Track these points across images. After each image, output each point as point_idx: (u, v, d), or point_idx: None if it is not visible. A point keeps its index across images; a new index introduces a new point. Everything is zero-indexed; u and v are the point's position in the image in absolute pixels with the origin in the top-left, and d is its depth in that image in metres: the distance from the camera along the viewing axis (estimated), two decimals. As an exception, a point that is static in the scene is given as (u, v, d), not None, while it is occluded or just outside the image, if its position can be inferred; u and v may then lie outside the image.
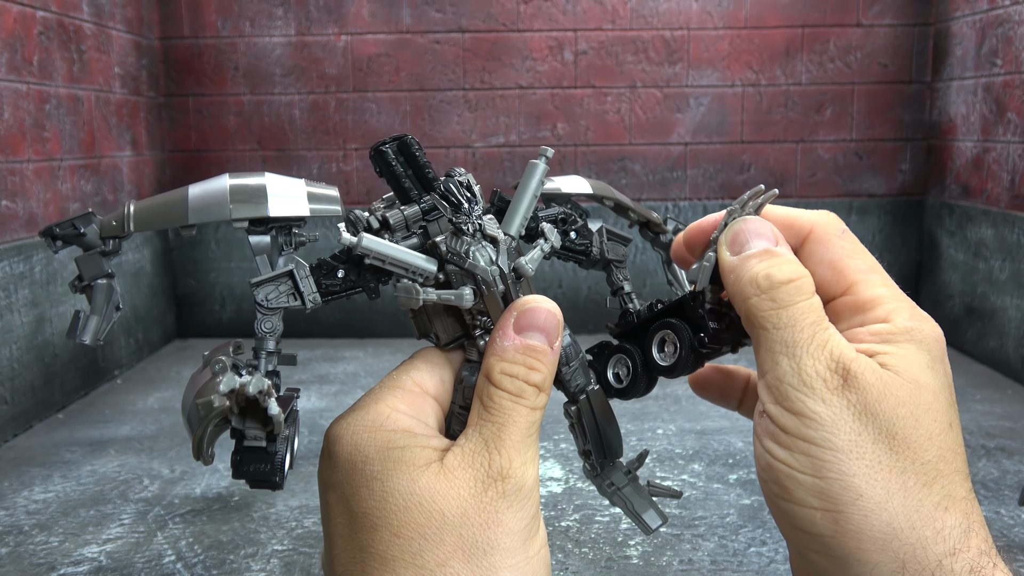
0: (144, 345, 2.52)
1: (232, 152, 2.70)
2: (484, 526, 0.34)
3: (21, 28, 1.93)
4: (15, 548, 1.34)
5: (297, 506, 1.48)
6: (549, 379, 0.38)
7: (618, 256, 0.47)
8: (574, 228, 0.45)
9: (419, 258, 0.38)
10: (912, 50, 2.65)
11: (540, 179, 0.40)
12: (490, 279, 0.38)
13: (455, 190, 0.38)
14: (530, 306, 0.39)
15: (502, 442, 0.36)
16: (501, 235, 0.39)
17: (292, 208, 0.41)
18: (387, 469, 0.35)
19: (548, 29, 2.63)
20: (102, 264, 0.43)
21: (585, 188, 0.49)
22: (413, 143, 0.40)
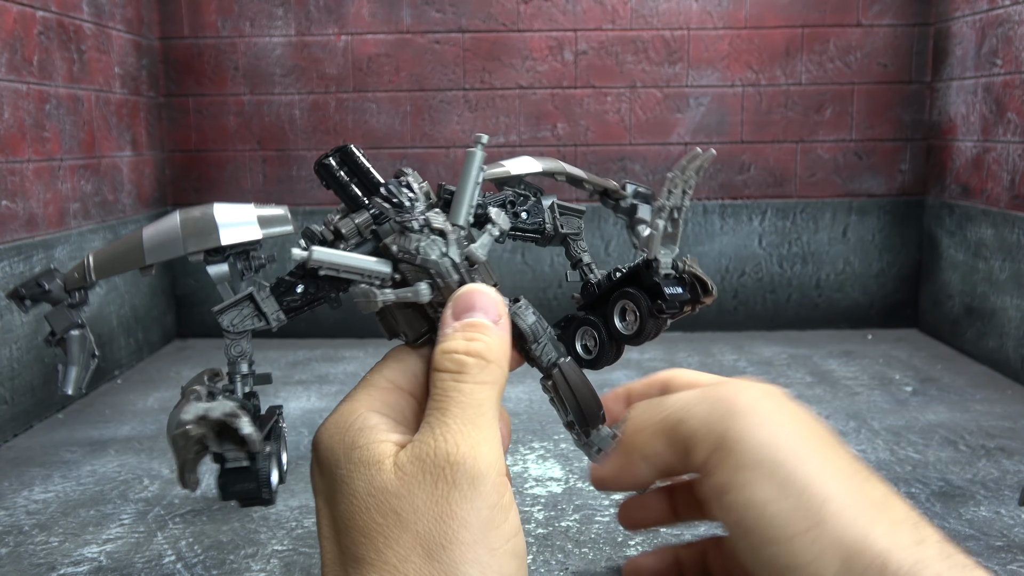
0: (144, 345, 2.52)
1: (232, 152, 2.70)
2: (438, 520, 0.33)
3: (21, 28, 1.93)
4: (15, 548, 1.34)
5: (297, 506, 1.49)
6: (496, 350, 0.37)
7: (573, 229, 0.47)
8: (524, 208, 0.45)
9: (371, 262, 0.39)
10: (912, 50, 2.65)
11: (479, 166, 0.41)
12: (443, 270, 0.38)
13: (394, 191, 0.38)
14: (462, 291, 0.39)
15: (446, 426, 0.34)
16: (448, 227, 0.39)
17: (244, 234, 0.43)
18: (350, 470, 0.35)
19: (548, 29, 2.63)
20: (70, 316, 0.44)
21: (534, 167, 0.49)
22: (354, 151, 0.41)
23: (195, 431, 0.37)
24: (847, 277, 2.74)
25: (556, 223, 0.46)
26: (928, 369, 2.30)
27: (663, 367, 1.84)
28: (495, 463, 0.34)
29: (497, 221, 0.40)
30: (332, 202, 0.43)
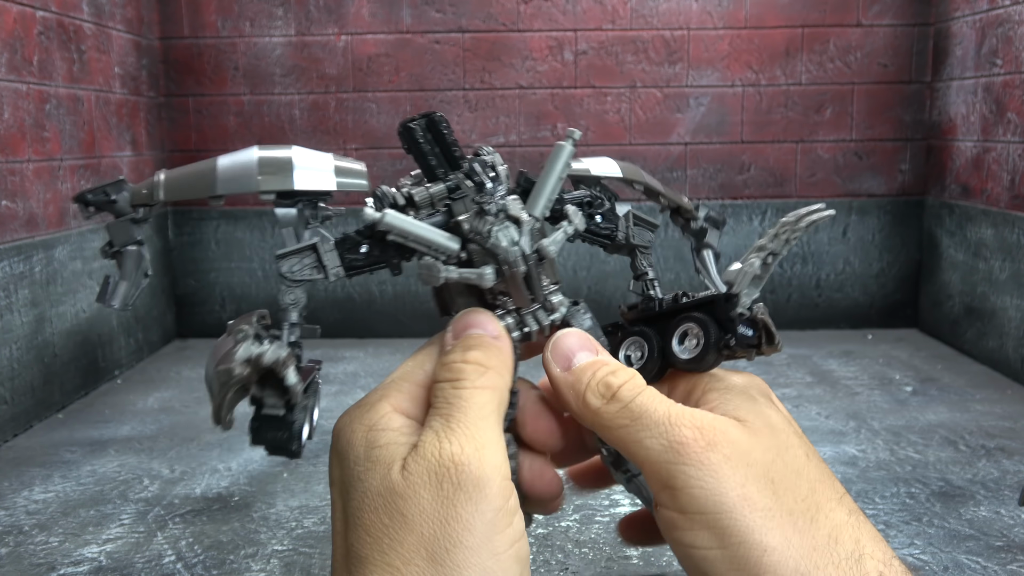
0: (144, 345, 2.52)
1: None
2: (442, 523, 0.33)
3: (21, 28, 1.93)
4: (15, 548, 1.34)
5: (297, 506, 1.49)
6: (493, 356, 0.37)
7: (643, 242, 0.45)
8: (600, 211, 0.44)
9: (441, 236, 0.38)
10: (912, 50, 2.65)
11: (566, 161, 0.40)
12: (511, 259, 0.38)
13: (479, 170, 0.38)
14: (461, 314, 0.39)
15: (450, 430, 0.34)
16: (524, 216, 0.38)
17: (318, 182, 0.41)
18: (367, 468, 0.35)
19: (548, 29, 2.63)
20: (131, 231, 0.43)
21: (615, 171, 0.47)
22: (441, 121, 0.40)
23: (240, 372, 0.37)
24: (847, 277, 2.74)
25: (629, 232, 0.45)
26: (928, 369, 2.30)
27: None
28: (500, 466, 0.34)
29: (573, 220, 0.40)
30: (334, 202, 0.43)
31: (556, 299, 0.41)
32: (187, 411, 2.02)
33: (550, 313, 0.41)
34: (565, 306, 0.41)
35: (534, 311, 0.40)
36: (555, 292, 0.41)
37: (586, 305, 0.42)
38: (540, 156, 2.67)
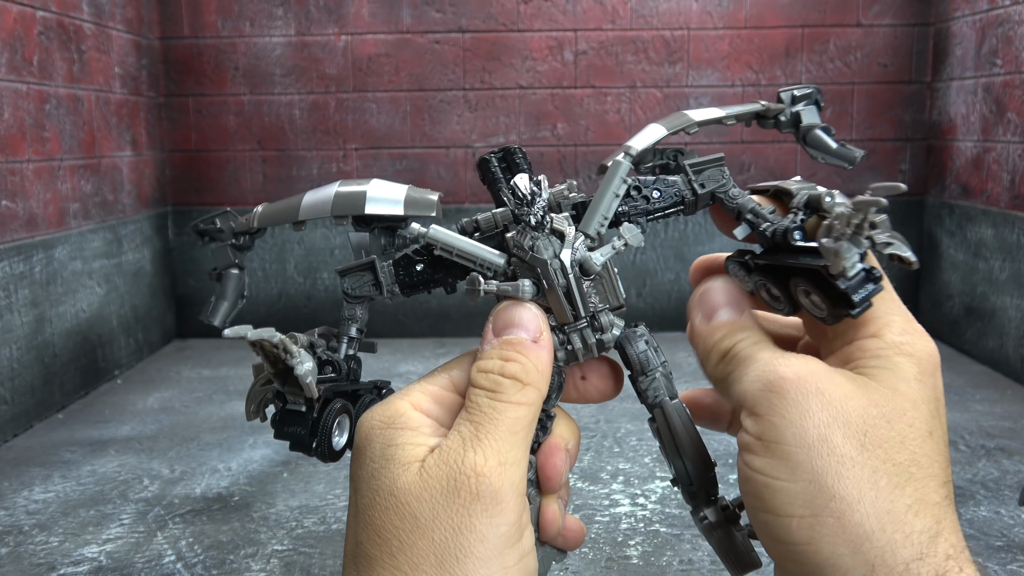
0: (144, 345, 2.52)
1: (232, 152, 2.70)
2: (456, 531, 0.32)
3: (21, 28, 1.93)
4: (15, 548, 1.34)
5: (297, 506, 1.49)
6: (533, 372, 0.36)
7: (717, 182, 0.42)
8: (652, 188, 0.42)
9: (485, 250, 0.38)
10: (912, 50, 2.65)
11: (621, 177, 0.39)
12: (550, 272, 0.37)
13: (520, 184, 0.37)
14: (502, 306, 0.38)
15: (478, 440, 0.34)
16: (570, 230, 0.37)
17: (386, 209, 0.43)
18: (381, 466, 0.35)
19: (548, 29, 2.63)
20: (231, 256, 0.47)
21: (658, 132, 0.44)
22: (516, 151, 0.41)
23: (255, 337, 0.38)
24: (847, 277, 2.73)
25: (693, 187, 0.42)
26: (928, 369, 2.30)
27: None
28: (519, 484, 0.34)
29: (625, 235, 0.38)
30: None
31: (607, 318, 0.39)
32: (187, 411, 2.02)
33: (599, 332, 0.39)
34: (618, 327, 0.39)
35: (580, 329, 0.39)
36: (607, 311, 0.39)
37: (647, 329, 0.40)
38: (540, 156, 2.67)
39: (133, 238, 2.48)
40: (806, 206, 0.38)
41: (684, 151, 0.43)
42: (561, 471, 0.39)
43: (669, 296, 2.67)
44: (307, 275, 2.72)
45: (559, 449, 0.39)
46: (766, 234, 0.38)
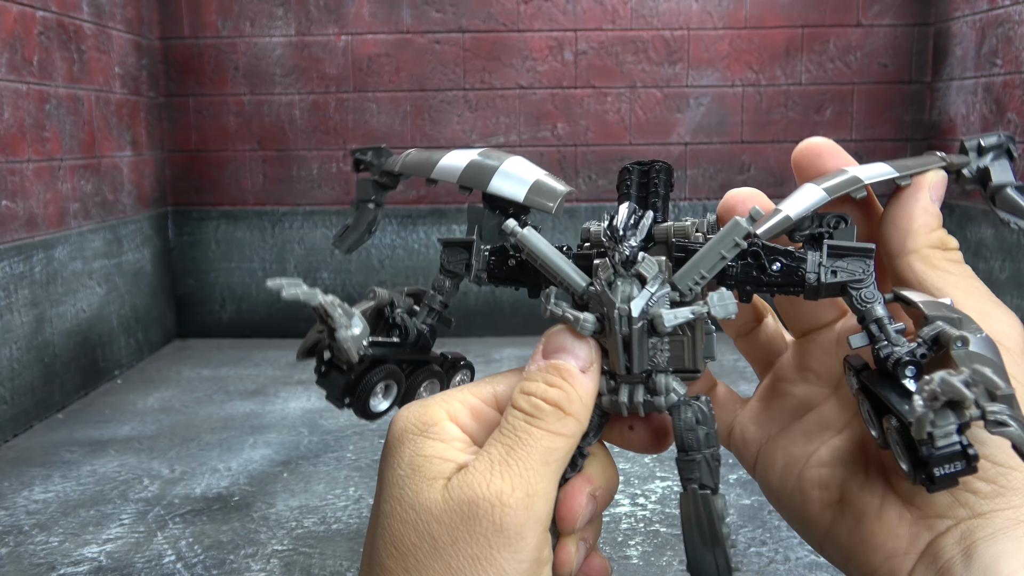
0: (144, 345, 2.52)
1: (232, 152, 2.70)
2: (474, 561, 0.31)
3: (21, 28, 1.93)
4: (15, 548, 1.34)
5: (297, 506, 1.49)
6: (576, 402, 0.34)
7: (853, 275, 0.36)
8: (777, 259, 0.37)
9: (569, 268, 0.36)
10: (912, 50, 2.65)
11: (732, 239, 0.35)
12: (613, 316, 0.34)
13: (623, 214, 0.35)
14: (555, 330, 0.37)
15: (507, 466, 0.32)
16: (656, 276, 0.35)
17: (507, 189, 0.41)
18: (407, 476, 0.33)
19: (548, 29, 2.63)
20: (371, 191, 0.47)
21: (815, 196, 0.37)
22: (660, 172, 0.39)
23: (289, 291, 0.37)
24: (847, 277, 2.74)
25: (821, 272, 0.37)
26: (928, 369, 2.30)
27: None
28: (544, 519, 0.33)
29: (711, 302, 0.34)
30: (331, 202, 0.43)
31: (664, 380, 0.36)
32: (187, 411, 2.02)
33: (650, 394, 0.36)
34: (677, 394, 0.36)
35: (632, 384, 0.36)
36: (671, 375, 0.37)
37: (709, 404, 0.37)
38: (540, 156, 2.67)
39: (133, 238, 2.48)
40: (933, 341, 0.33)
41: (847, 221, 0.38)
42: (577, 514, 0.36)
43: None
44: (307, 275, 2.72)
45: (582, 491, 0.37)
46: (880, 355, 0.35)
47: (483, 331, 2.70)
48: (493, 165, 0.42)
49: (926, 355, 0.34)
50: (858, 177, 0.38)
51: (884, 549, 0.35)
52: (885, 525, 0.35)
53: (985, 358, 0.31)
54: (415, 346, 0.43)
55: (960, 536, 0.32)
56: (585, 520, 0.37)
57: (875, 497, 0.36)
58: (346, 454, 1.73)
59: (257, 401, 2.09)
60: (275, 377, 2.30)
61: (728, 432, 0.44)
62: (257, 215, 2.71)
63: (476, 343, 2.58)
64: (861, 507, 0.36)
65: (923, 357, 0.34)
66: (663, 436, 0.39)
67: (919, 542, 0.34)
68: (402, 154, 0.46)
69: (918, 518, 0.34)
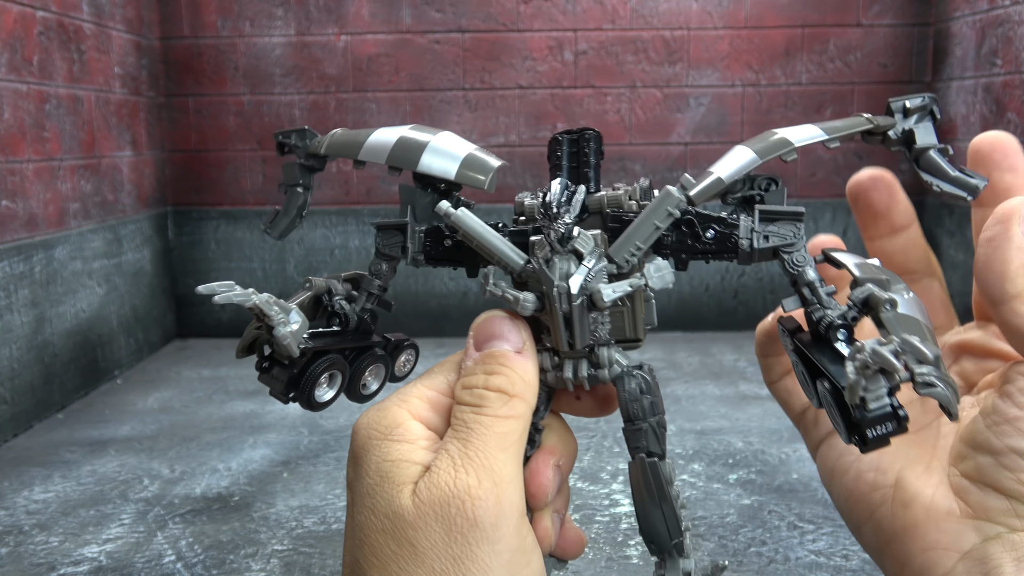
0: (144, 345, 2.52)
1: (232, 152, 2.70)
2: (455, 561, 0.31)
3: (21, 28, 1.93)
4: (15, 548, 1.34)
5: (297, 506, 1.49)
6: (519, 383, 0.34)
7: (784, 239, 0.37)
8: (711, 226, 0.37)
9: (506, 247, 0.36)
10: (912, 50, 2.65)
11: (667, 209, 0.35)
12: (553, 295, 0.34)
13: (555, 190, 0.34)
14: (482, 318, 0.37)
15: (468, 459, 0.32)
16: (592, 253, 0.34)
17: (438, 167, 0.40)
18: (376, 483, 0.33)
19: (548, 29, 2.63)
20: (298, 175, 0.46)
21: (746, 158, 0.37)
22: (590, 140, 0.38)
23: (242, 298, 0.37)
24: (847, 277, 2.73)
25: (754, 238, 0.37)
26: (928, 369, 2.30)
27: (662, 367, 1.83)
28: (517, 503, 0.33)
29: (648, 274, 0.35)
30: (331, 202, 0.42)
31: (607, 353, 0.37)
32: (187, 411, 2.02)
33: (594, 368, 0.37)
34: (620, 365, 0.37)
35: (576, 360, 0.37)
36: (613, 347, 0.37)
37: (651, 374, 0.37)
38: (540, 156, 2.67)
39: (133, 238, 2.48)
40: (863, 304, 0.34)
41: (778, 183, 0.38)
42: (547, 489, 0.37)
43: (669, 296, 2.67)
44: (307, 275, 2.72)
45: (547, 465, 0.37)
46: (812, 318, 0.35)
47: (483, 331, 2.70)
48: (422, 141, 0.41)
49: (856, 318, 0.34)
50: (788, 139, 0.38)
51: (925, 540, 0.34)
52: (932, 516, 0.35)
53: (913, 320, 0.32)
54: (356, 332, 0.42)
55: (1012, 546, 0.32)
56: (555, 491, 0.37)
57: (929, 487, 0.36)
58: (346, 454, 1.73)
59: (257, 401, 2.09)
60: (275, 377, 2.29)
61: (803, 411, 0.44)
62: (257, 215, 2.72)
63: (476, 343, 2.58)
64: (913, 493, 0.36)
65: (854, 320, 0.34)
66: (609, 401, 0.39)
67: (964, 541, 0.34)
68: (328, 134, 0.44)
69: (967, 517, 0.34)
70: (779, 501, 1.48)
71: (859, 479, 0.39)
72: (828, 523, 1.39)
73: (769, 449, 1.73)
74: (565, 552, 0.39)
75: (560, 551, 0.39)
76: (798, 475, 1.59)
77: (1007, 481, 0.33)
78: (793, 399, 0.44)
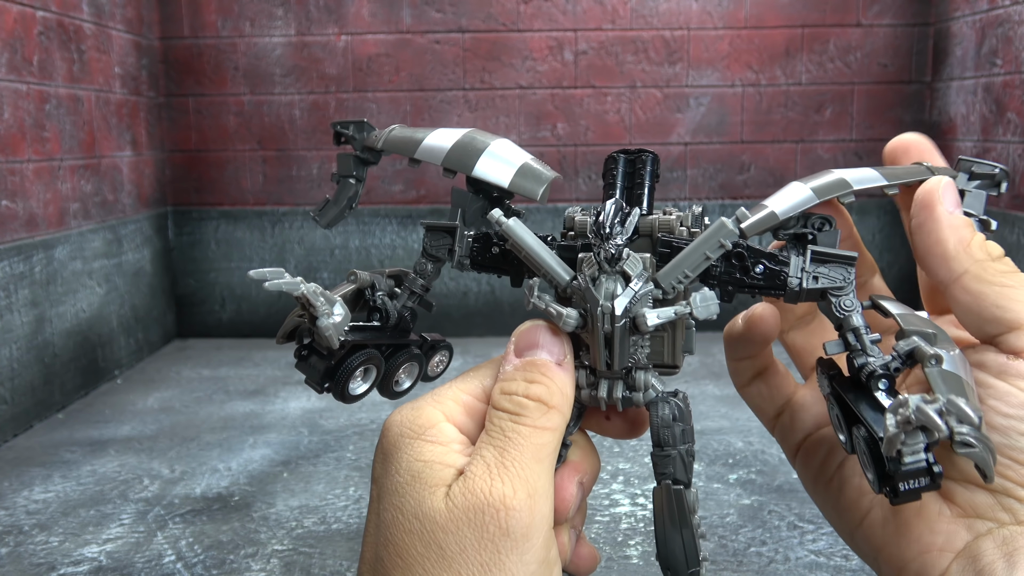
0: (144, 345, 2.52)
1: (232, 152, 2.70)
2: (484, 568, 0.31)
3: (21, 28, 1.93)
4: (15, 548, 1.34)
5: (297, 506, 1.49)
6: (558, 395, 0.34)
7: (834, 282, 0.36)
8: (761, 260, 0.37)
9: (554, 261, 0.36)
10: (912, 50, 2.65)
11: (717, 240, 0.35)
12: (596, 314, 0.34)
13: (609, 210, 0.34)
14: (525, 327, 0.37)
15: (504, 468, 0.32)
16: (640, 276, 0.34)
17: (493, 173, 0.40)
18: (407, 483, 0.33)
19: (548, 29, 2.63)
20: (352, 166, 0.46)
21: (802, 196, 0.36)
22: (647, 162, 0.39)
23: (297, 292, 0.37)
24: (847, 277, 2.73)
25: (804, 277, 0.36)
26: (928, 369, 2.30)
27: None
28: (548, 516, 0.33)
29: (693, 303, 0.34)
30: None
31: (644, 377, 0.37)
32: (187, 411, 2.02)
33: (629, 391, 0.37)
34: (655, 391, 0.37)
35: (612, 380, 0.37)
36: (650, 371, 0.37)
37: (686, 400, 0.37)
38: (540, 156, 2.67)
39: (133, 238, 2.48)
40: (907, 356, 0.33)
41: (832, 223, 0.38)
42: (570, 504, 0.37)
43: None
44: (307, 275, 2.72)
45: (572, 481, 0.37)
46: (854, 363, 0.35)
47: (483, 331, 2.70)
48: (480, 146, 0.41)
49: (899, 369, 0.34)
50: (846, 181, 0.38)
51: (919, 543, 0.35)
52: (924, 519, 0.35)
53: (956, 378, 0.31)
54: (395, 329, 0.43)
55: (1002, 541, 0.32)
56: (576, 507, 0.38)
57: None
58: (346, 454, 1.73)
59: (257, 401, 2.09)
60: (275, 377, 2.30)
61: (777, 414, 0.44)
62: (257, 215, 2.72)
63: (476, 343, 2.58)
64: None
65: (896, 371, 0.34)
66: (639, 425, 0.40)
67: (956, 540, 0.34)
68: (385, 129, 0.44)
69: (958, 516, 0.34)
70: (779, 501, 1.48)
71: (845, 485, 0.39)
72: (828, 523, 1.39)
73: (769, 449, 1.73)
74: (578, 569, 0.39)
75: (574, 568, 0.39)
76: (798, 475, 1.59)
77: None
78: (766, 404, 0.44)
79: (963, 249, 0.35)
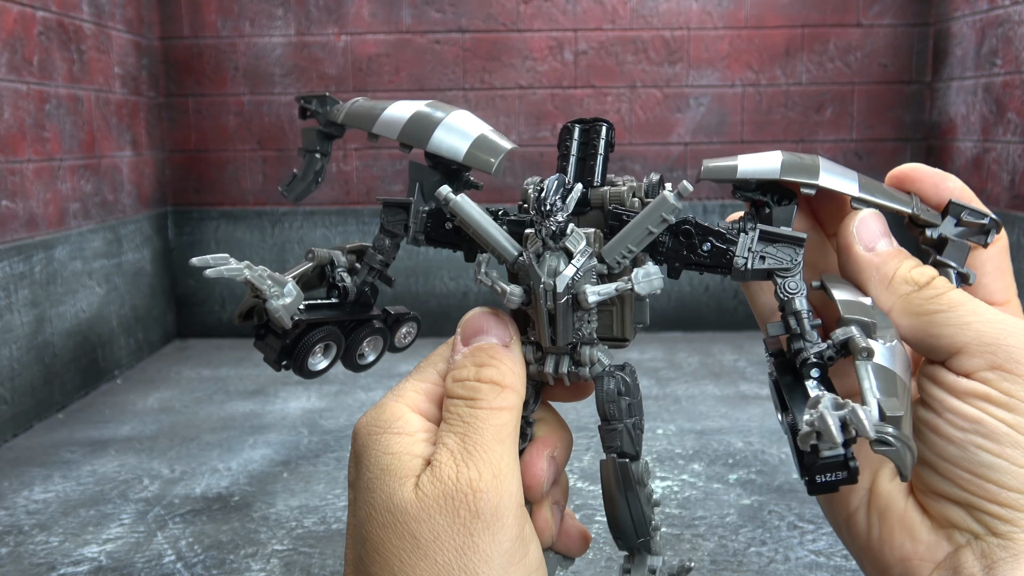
0: (144, 345, 2.52)
1: (232, 152, 2.70)
2: (459, 552, 0.31)
3: (21, 28, 1.93)
4: (15, 548, 1.34)
5: (297, 506, 1.49)
6: (509, 375, 0.35)
7: (781, 263, 0.36)
8: (709, 238, 0.36)
9: (501, 237, 0.36)
10: (912, 50, 2.65)
11: (659, 213, 0.35)
12: (538, 291, 0.34)
13: (551, 187, 0.34)
14: (469, 315, 0.37)
15: (468, 453, 0.33)
16: (582, 252, 0.34)
17: (448, 146, 0.40)
18: (377, 478, 0.33)
19: (548, 29, 2.63)
20: (316, 141, 0.46)
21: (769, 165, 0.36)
22: (600, 131, 0.38)
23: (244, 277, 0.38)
24: (847, 277, 2.74)
25: (750, 257, 0.36)
26: (928, 369, 2.30)
27: (662, 367, 1.83)
28: (516, 494, 0.33)
29: (635, 278, 0.34)
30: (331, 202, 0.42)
31: (589, 352, 0.37)
32: (187, 411, 2.02)
33: (575, 365, 0.37)
34: (602, 365, 0.37)
35: (558, 355, 0.37)
36: (597, 346, 0.37)
37: (633, 374, 0.37)
38: (540, 156, 2.67)
39: (133, 238, 2.48)
40: (842, 346, 0.33)
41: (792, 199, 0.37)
42: (541, 479, 0.37)
43: (669, 296, 2.67)
44: (307, 275, 2.72)
45: (540, 456, 0.37)
46: (792, 348, 0.35)
47: (483, 331, 2.70)
48: (437, 118, 0.40)
49: (833, 358, 0.33)
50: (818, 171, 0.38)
51: (901, 550, 0.35)
52: (906, 527, 0.35)
53: (889, 373, 0.31)
54: (355, 305, 0.43)
55: (981, 553, 0.33)
56: (550, 483, 0.38)
57: (902, 497, 0.36)
58: (346, 454, 1.73)
59: (257, 401, 2.09)
60: (275, 377, 2.30)
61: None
62: (257, 215, 2.72)
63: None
64: (886, 503, 0.36)
65: (830, 360, 0.33)
66: (582, 390, 0.40)
67: (938, 551, 0.34)
68: (348, 102, 0.44)
69: (937, 527, 0.34)
70: (779, 501, 1.48)
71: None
72: (828, 523, 1.39)
73: (769, 449, 1.73)
74: (568, 547, 0.40)
75: (563, 546, 0.39)
76: (798, 475, 1.59)
77: (951, 491, 0.33)
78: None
79: (885, 287, 0.36)
